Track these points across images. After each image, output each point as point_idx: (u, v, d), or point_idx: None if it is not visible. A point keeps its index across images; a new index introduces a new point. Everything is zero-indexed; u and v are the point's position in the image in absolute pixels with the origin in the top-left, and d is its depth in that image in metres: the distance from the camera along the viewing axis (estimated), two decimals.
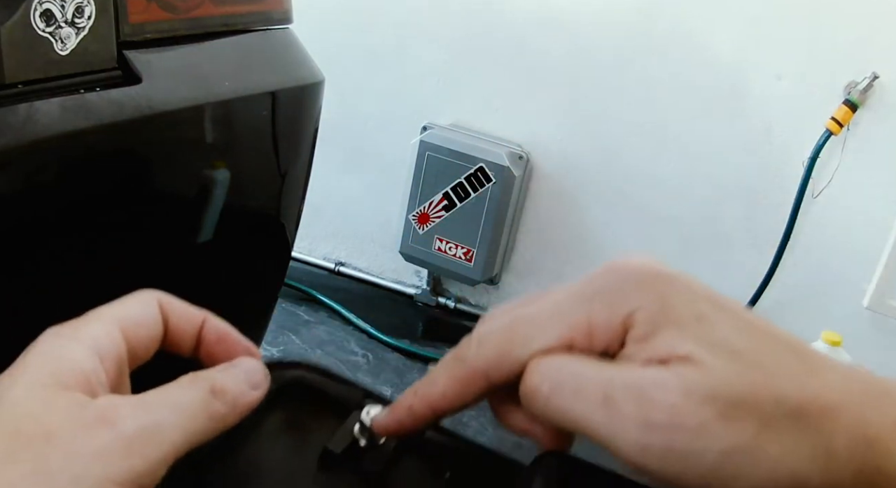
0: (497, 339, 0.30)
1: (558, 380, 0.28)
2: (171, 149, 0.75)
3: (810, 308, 1.76)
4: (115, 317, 0.31)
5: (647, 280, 0.28)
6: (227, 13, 0.80)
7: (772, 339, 0.28)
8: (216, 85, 0.77)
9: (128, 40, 0.69)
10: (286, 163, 0.94)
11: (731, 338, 0.27)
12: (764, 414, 0.26)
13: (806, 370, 0.27)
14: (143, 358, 0.32)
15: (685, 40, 1.73)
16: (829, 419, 0.26)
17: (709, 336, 0.27)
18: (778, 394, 0.26)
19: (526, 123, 1.91)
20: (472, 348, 0.30)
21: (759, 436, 0.26)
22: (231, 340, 0.33)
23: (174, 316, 0.33)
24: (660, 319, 0.28)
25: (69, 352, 0.28)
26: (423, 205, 1.97)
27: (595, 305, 0.29)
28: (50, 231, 0.65)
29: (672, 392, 0.26)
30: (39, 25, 0.60)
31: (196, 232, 0.83)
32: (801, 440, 0.26)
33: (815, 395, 0.26)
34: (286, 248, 1.03)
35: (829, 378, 0.27)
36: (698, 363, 0.26)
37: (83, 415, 0.26)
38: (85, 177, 0.66)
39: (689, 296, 0.28)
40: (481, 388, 0.30)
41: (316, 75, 0.91)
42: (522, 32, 1.85)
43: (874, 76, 1.57)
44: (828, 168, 1.68)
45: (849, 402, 0.26)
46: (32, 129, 0.60)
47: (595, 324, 0.28)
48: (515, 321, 0.30)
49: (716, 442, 0.26)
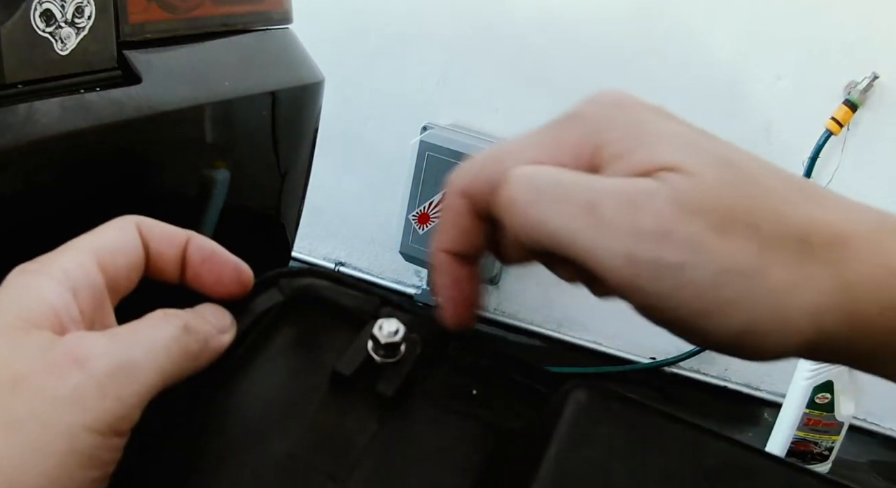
0: (478, 162, 0.28)
1: (537, 188, 0.25)
2: (171, 149, 0.75)
3: None
4: (90, 246, 0.28)
5: (627, 103, 0.27)
6: (227, 13, 0.80)
7: (768, 164, 0.25)
8: (216, 85, 0.77)
9: (128, 40, 0.69)
10: (286, 163, 0.94)
11: (722, 150, 0.25)
12: (765, 234, 0.23)
13: (808, 197, 0.24)
14: (125, 288, 0.29)
15: (685, 40, 1.73)
16: (841, 247, 0.23)
17: (698, 145, 0.25)
18: (780, 214, 0.23)
19: (526, 123, 1.87)
20: (452, 176, 0.28)
21: (761, 258, 0.23)
22: (218, 259, 0.31)
23: (154, 239, 0.30)
24: (640, 132, 0.26)
25: (36, 288, 0.26)
26: (423, 205, 1.97)
27: (571, 126, 0.27)
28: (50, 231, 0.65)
29: (660, 199, 0.23)
30: (39, 25, 0.60)
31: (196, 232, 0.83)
32: (814, 268, 0.23)
33: (823, 223, 0.23)
34: (286, 248, 1.03)
35: (837, 207, 0.24)
36: (688, 172, 0.24)
37: (51, 356, 0.24)
38: (85, 177, 0.66)
39: (670, 116, 0.27)
40: (469, 212, 0.28)
41: (316, 75, 0.91)
42: (522, 32, 1.85)
43: (874, 76, 1.57)
44: (828, 168, 1.68)
45: (863, 231, 0.23)
46: (32, 129, 0.60)
47: (571, 143, 0.27)
48: (495, 147, 0.28)
49: (711, 259, 0.23)
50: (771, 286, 0.23)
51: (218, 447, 0.27)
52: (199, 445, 0.27)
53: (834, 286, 0.23)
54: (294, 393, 0.28)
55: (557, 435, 0.24)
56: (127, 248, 0.29)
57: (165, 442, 0.27)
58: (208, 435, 0.27)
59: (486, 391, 0.29)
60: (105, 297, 0.28)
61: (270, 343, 0.30)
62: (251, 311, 0.31)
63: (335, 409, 0.28)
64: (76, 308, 0.26)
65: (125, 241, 0.29)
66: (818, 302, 0.23)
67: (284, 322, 0.31)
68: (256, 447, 0.27)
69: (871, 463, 1.73)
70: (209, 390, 0.28)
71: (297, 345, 0.30)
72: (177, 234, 0.31)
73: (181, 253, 0.31)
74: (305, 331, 0.31)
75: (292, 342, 0.30)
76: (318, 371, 0.29)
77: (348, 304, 0.31)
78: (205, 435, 0.27)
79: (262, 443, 0.27)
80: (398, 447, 0.27)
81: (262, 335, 0.30)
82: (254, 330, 0.30)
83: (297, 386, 0.29)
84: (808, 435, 1.59)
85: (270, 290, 0.32)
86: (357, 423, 0.28)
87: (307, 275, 0.32)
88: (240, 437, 0.27)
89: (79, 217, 0.68)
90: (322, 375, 0.29)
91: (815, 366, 1.53)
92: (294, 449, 0.27)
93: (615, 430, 0.25)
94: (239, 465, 0.26)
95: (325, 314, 0.31)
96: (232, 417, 0.28)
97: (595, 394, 0.26)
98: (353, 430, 0.27)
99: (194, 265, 0.31)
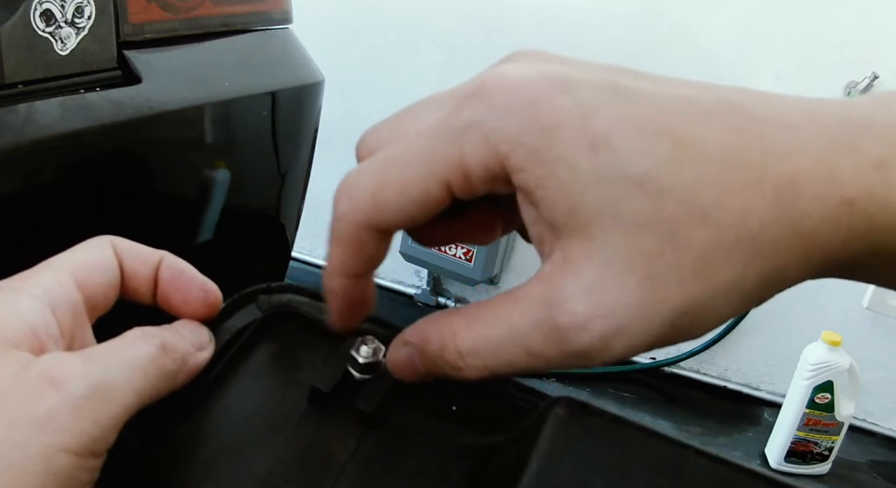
0: (369, 189, 0.25)
1: (488, 367, 0.25)
2: (171, 149, 0.75)
3: (810, 308, 1.76)
4: (67, 264, 0.28)
5: (529, 102, 0.23)
6: (227, 13, 0.80)
7: (702, 134, 0.22)
8: (216, 85, 0.77)
9: (128, 40, 0.69)
10: (286, 164, 0.94)
11: (644, 170, 0.22)
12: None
13: (749, 146, 0.22)
14: (102, 307, 0.29)
15: (685, 40, 1.73)
16: (789, 191, 0.22)
17: (610, 185, 0.22)
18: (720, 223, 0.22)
19: None
20: (344, 204, 0.26)
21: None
22: (186, 279, 0.30)
23: (128, 258, 0.30)
24: (547, 165, 0.22)
25: (14, 305, 0.26)
26: None
27: (467, 139, 0.23)
28: (50, 231, 0.65)
29: (581, 319, 0.22)
30: (39, 25, 0.60)
31: (196, 232, 0.83)
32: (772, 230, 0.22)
33: (774, 170, 0.22)
34: (286, 248, 1.03)
35: (780, 137, 0.22)
36: (596, 251, 0.22)
37: (26, 377, 0.24)
38: (85, 177, 0.66)
39: (580, 114, 0.23)
40: (374, 239, 0.26)
41: (316, 75, 0.91)
42: (522, 32, 1.85)
43: (874, 76, 1.57)
44: None
45: (809, 163, 0.22)
46: (32, 129, 0.60)
47: (470, 164, 0.23)
48: (385, 166, 0.26)
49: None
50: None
51: (197, 465, 0.27)
52: (177, 464, 0.27)
53: (794, 236, 0.22)
54: (273, 409, 0.28)
55: (538, 451, 0.24)
56: (104, 267, 0.29)
57: (143, 463, 0.27)
58: (186, 454, 0.27)
59: (466, 407, 0.29)
60: (84, 315, 0.28)
61: (249, 360, 0.30)
62: (229, 328, 0.31)
63: (315, 426, 0.28)
64: (55, 325, 0.26)
65: (102, 260, 0.29)
66: (784, 258, 0.23)
67: (263, 338, 0.31)
68: (236, 464, 0.27)
69: (871, 463, 1.73)
70: (187, 408, 0.28)
71: (275, 362, 0.30)
72: (150, 254, 0.31)
73: (154, 273, 0.31)
74: (284, 347, 0.30)
75: (271, 359, 0.30)
76: (297, 388, 0.29)
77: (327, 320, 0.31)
78: (183, 454, 0.27)
79: (241, 461, 0.27)
80: (378, 463, 0.27)
81: (241, 352, 0.30)
82: (232, 346, 0.30)
83: (275, 403, 0.29)
84: (808, 435, 1.59)
85: (249, 307, 0.32)
86: (337, 440, 0.27)
87: (286, 291, 0.32)
88: (218, 455, 0.27)
89: (79, 217, 0.68)
90: (301, 392, 0.28)
91: (815, 366, 1.53)
92: (274, 466, 0.27)
93: (595, 446, 0.25)
94: (218, 483, 0.26)
95: (304, 330, 0.31)
96: (210, 435, 0.28)
97: (575, 410, 0.25)
98: (333, 447, 0.27)
99: (164, 284, 0.30)
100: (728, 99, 0.23)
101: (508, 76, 0.24)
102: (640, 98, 0.24)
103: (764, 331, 1.84)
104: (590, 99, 0.23)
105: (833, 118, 0.23)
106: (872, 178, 0.22)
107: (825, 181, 0.22)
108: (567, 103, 0.23)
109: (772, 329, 1.83)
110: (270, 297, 0.32)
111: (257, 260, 0.99)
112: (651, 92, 0.24)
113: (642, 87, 0.24)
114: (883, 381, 1.69)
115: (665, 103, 0.23)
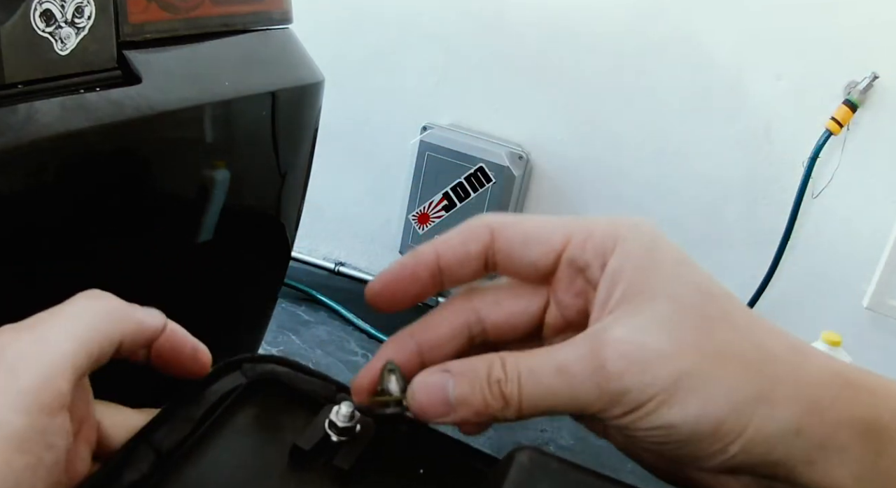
0: (511, 224, 0.31)
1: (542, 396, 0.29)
2: (171, 149, 0.75)
3: (810, 308, 1.76)
4: (73, 337, 0.30)
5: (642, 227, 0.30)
6: (227, 13, 0.80)
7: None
8: (216, 85, 0.77)
9: (128, 40, 0.69)
10: (286, 163, 0.94)
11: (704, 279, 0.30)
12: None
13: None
14: (96, 366, 0.31)
15: (684, 40, 1.73)
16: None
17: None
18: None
19: (526, 123, 1.91)
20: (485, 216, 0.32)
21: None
22: (178, 338, 0.33)
23: (129, 327, 0.32)
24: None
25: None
26: (423, 206, 1.97)
27: (595, 225, 0.31)
28: (49, 231, 0.65)
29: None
30: (39, 25, 0.60)
31: (196, 232, 0.83)
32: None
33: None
34: (286, 248, 1.03)
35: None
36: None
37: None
38: (85, 177, 0.66)
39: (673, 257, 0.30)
40: (481, 247, 0.31)
41: (316, 75, 0.91)
42: (522, 32, 1.85)
43: (874, 76, 1.57)
44: (828, 168, 1.68)
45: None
46: (32, 129, 0.60)
47: (594, 235, 0.30)
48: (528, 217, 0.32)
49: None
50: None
51: None
52: None
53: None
54: (254, 467, 0.31)
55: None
56: (109, 339, 0.30)
57: None
58: None
59: (433, 470, 0.32)
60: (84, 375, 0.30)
61: (233, 420, 0.32)
62: (215, 391, 0.33)
63: (294, 482, 0.30)
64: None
65: (106, 332, 0.30)
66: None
67: (247, 402, 0.33)
68: None
69: None
70: (173, 462, 0.30)
71: (258, 424, 0.32)
72: (150, 321, 0.33)
73: (151, 339, 0.33)
74: (266, 411, 0.33)
75: (254, 420, 0.33)
76: (278, 447, 0.31)
77: (306, 389, 0.34)
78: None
79: None
80: None
81: (226, 413, 0.32)
82: (218, 408, 0.32)
83: (257, 461, 0.31)
84: None
85: (234, 373, 0.34)
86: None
87: (268, 361, 0.35)
88: None
89: (79, 217, 0.68)
90: (281, 451, 0.31)
91: None
92: None
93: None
94: None
95: (285, 397, 0.34)
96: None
97: (537, 457, 0.28)
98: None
99: (157, 344, 0.33)
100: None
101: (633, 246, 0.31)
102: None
103: None
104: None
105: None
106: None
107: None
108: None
109: None
110: (254, 366, 0.34)
111: (257, 260, 0.99)
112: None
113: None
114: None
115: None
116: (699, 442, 0.27)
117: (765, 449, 0.27)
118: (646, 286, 0.28)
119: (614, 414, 0.27)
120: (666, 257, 0.29)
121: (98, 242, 0.71)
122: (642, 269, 0.29)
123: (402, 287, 0.31)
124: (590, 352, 0.28)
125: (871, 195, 1.65)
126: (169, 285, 0.77)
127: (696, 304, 0.28)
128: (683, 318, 0.28)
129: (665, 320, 0.28)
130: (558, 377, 0.28)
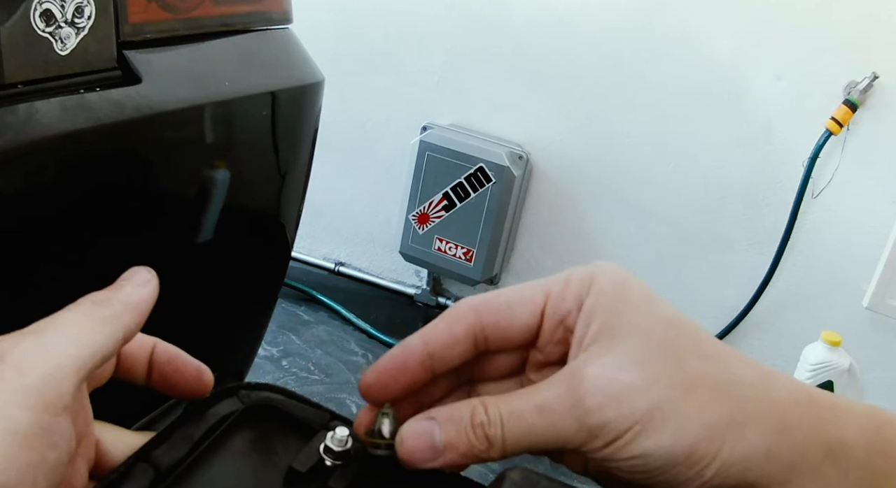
0: (482, 302, 0.33)
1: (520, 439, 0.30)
2: (171, 149, 0.75)
3: (810, 308, 1.76)
4: (71, 352, 0.30)
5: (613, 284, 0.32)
6: (227, 13, 0.80)
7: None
8: (216, 85, 0.77)
9: (128, 40, 0.69)
10: (286, 164, 0.94)
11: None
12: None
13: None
14: (96, 385, 0.32)
15: (684, 40, 1.73)
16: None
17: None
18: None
19: (526, 123, 1.91)
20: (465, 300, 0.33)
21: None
22: (182, 360, 0.34)
23: (126, 345, 0.32)
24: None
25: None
26: (422, 205, 1.97)
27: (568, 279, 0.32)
28: (50, 231, 0.65)
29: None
30: (39, 25, 0.60)
31: (196, 232, 0.83)
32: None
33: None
34: (286, 248, 1.03)
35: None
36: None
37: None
38: (85, 177, 0.66)
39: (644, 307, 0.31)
40: (466, 327, 0.32)
41: (316, 75, 0.91)
42: (522, 33, 1.85)
43: (874, 76, 1.57)
44: (828, 168, 1.68)
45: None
46: (32, 129, 0.60)
47: (570, 284, 0.32)
48: (506, 294, 0.33)
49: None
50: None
51: None
52: None
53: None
54: (251, 487, 0.32)
55: None
56: (105, 354, 0.31)
57: None
58: None
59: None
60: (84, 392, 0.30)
61: (230, 443, 0.33)
62: (212, 415, 0.34)
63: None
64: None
65: (104, 349, 0.30)
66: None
67: (243, 426, 0.34)
68: None
69: None
70: (169, 481, 0.30)
71: (254, 447, 0.34)
72: (144, 340, 0.34)
73: (149, 356, 0.34)
74: (262, 435, 0.34)
75: (250, 443, 0.34)
76: (273, 469, 0.32)
77: (301, 416, 0.35)
78: None
79: None
80: None
81: (223, 436, 0.33)
82: (215, 431, 0.33)
83: (253, 481, 0.32)
84: None
85: (231, 399, 0.35)
86: None
87: (264, 389, 0.36)
88: None
89: (79, 217, 0.68)
90: (277, 473, 0.32)
91: (815, 366, 1.53)
92: None
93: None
94: None
95: (281, 423, 0.35)
96: None
97: (528, 476, 0.30)
98: None
99: (160, 366, 0.34)
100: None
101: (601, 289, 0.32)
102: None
103: (764, 331, 1.84)
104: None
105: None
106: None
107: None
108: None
109: (772, 329, 1.83)
110: (250, 393, 0.36)
111: (257, 260, 0.99)
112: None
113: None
114: (883, 381, 1.69)
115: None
116: (676, 468, 0.28)
117: (739, 471, 0.28)
118: (618, 322, 0.30)
119: (595, 446, 0.29)
120: (635, 295, 0.31)
121: (98, 242, 0.71)
122: (614, 307, 0.31)
123: (394, 377, 0.33)
124: (567, 389, 0.29)
125: (871, 195, 1.65)
126: (169, 285, 0.77)
127: (665, 338, 0.30)
128: (654, 352, 0.29)
129: (637, 354, 0.29)
130: (539, 415, 0.29)
